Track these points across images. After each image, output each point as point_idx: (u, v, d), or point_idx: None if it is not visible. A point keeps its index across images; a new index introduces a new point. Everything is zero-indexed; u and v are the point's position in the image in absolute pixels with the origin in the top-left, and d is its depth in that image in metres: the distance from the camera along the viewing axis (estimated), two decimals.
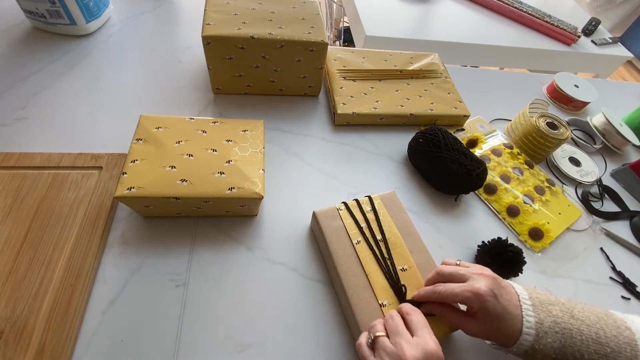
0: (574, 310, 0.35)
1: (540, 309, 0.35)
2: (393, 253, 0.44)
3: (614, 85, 0.95)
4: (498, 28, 1.25)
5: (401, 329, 0.33)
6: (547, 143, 0.61)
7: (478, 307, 0.34)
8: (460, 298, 0.35)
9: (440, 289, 0.36)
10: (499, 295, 0.34)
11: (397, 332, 0.33)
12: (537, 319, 0.34)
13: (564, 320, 0.34)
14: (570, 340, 0.33)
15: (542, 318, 0.34)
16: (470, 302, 0.34)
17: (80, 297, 0.38)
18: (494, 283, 0.35)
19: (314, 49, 0.58)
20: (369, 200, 0.48)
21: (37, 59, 0.63)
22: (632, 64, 2.75)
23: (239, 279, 0.44)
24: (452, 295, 0.35)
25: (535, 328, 0.33)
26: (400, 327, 0.33)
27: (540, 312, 0.34)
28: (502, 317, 0.34)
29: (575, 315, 0.35)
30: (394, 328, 0.34)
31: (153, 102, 0.60)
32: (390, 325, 0.34)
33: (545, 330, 0.33)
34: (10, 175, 0.45)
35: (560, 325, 0.34)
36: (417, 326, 0.34)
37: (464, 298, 0.34)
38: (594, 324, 0.34)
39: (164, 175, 0.41)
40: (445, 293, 0.36)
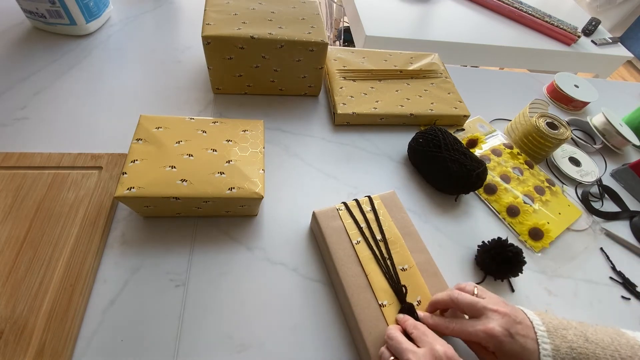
0: (587, 333, 0.35)
1: (555, 334, 0.35)
2: (393, 253, 0.43)
3: (614, 85, 0.95)
4: (498, 28, 1.25)
5: (405, 344, 0.33)
6: (547, 143, 0.61)
7: (494, 348, 0.34)
8: (474, 337, 0.35)
9: (454, 326, 0.36)
10: (514, 333, 0.34)
11: (402, 349, 0.33)
12: (553, 346, 0.34)
13: (580, 345, 0.34)
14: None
15: (558, 344, 0.34)
16: (486, 343, 0.34)
17: (80, 297, 0.38)
18: (509, 321, 0.35)
19: (314, 49, 0.58)
20: (368, 200, 0.48)
21: (37, 59, 0.63)
22: (632, 64, 2.75)
23: (239, 279, 0.44)
24: (465, 333, 0.35)
25: (553, 356, 0.33)
26: (403, 344, 0.34)
27: (555, 338, 0.34)
28: (520, 354, 0.34)
29: (590, 339, 0.34)
30: (397, 347, 0.34)
31: (153, 102, 0.60)
32: (393, 346, 0.34)
33: (562, 356, 0.33)
34: (10, 175, 0.45)
35: (577, 351, 0.33)
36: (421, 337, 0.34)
37: (478, 337, 0.34)
38: (608, 346, 0.34)
39: (164, 175, 0.41)
40: (459, 331, 0.36)
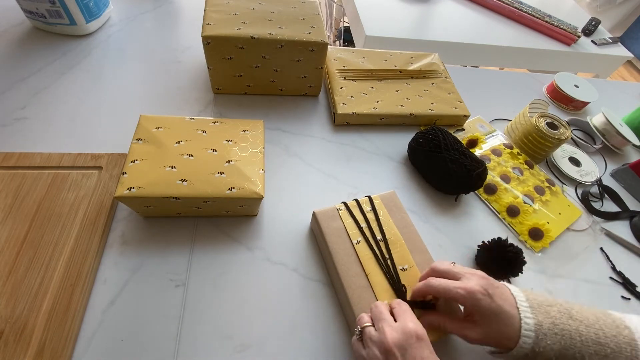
0: (572, 311, 0.35)
1: (538, 310, 0.34)
2: (393, 253, 0.43)
3: (614, 85, 0.95)
4: (498, 28, 1.25)
5: (385, 315, 0.34)
6: (547, 143, 0.61)
7: (471, 305, 0.34)
8: (454, 293, 0.35)
9: (434, 282, 0.37)
10: (492, 294, 0.34)
11: (380, 318, 0.34)
12: (535, 321, 0.34)
13: (563, 322, 0.34)
14: (570, 341, 0.33)
15: (541, 320, 0.34)
16: (464, 300, 0.34)
17: (80, 297, 0.38)
18: (487, 282, 0.35)
19: (314, 49, 0.58)
20: (368, 200, 0.48)
21: (37, 59, 0.63)
22: (632, 64, 2.75)
23: (239, 279, 0.44)
24: (445, 290, 0.36)
25: (535, 330, 0.33)
26: (383, 314, 0.34)
27: (538, 313, 0.34)
28: (499, 315, 0.34)
29: (574, 316, 0.34)
30: (378, 315, 0.35)
31: (153, 102, 0.60)
32: (374, 313, 0.35)
33: (544, 332, 0.33)
34: (10, 175, 0.45)
35: (559, 327, 0.33)
36: (399, 313, 0.35)
37: (457, 295, 0.35)
38: (592, 324, 0.34)
39: (164, 175, 0.41)
40: (439, 287, 0.36)
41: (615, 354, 0.33)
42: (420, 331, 0.33)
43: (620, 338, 0.33)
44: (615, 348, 0.33)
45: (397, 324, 0.33)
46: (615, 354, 0.33)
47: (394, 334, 0.32)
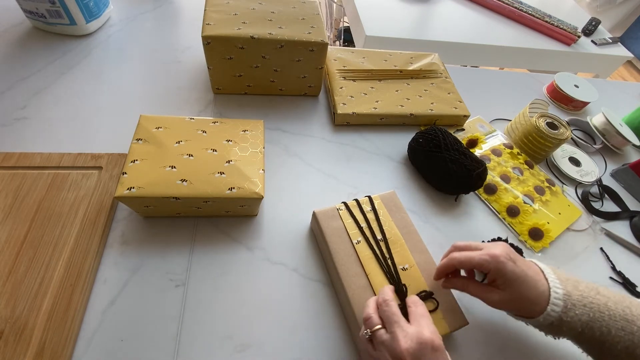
0: (599, 288, 0.35)
1: (567, 282, 0.34)
2: (393, 253, 0.44)
3: (614, 85, 0.95)
4: (498, 28, 1.25)
5: (397, 317, 0.33)
6: (547, 143, 0.61)
7: (496, 270, 0.34)
8: (477, 261, 0.35)
9: (457, 255, 0.37)
10: (515, 259, 0.34)
11: (393, 321, 0.32)
12: (565, 291, 0.33)
13: (591, 295, 0.34)
14: (599, 314, 0.33)
15: (570, 290, 0.34)
16: (488, 265, 0.34)
17: (80, 297, 0.38)
18: (510, 250, 0.35)
19: (314, 49, 0.58)
20: (369, 200, 0.48)
21: (37, 59, 0.63)
22: (632, 64, 2.75)
23: (239, 279, 0.44)
24: (468, 260, 0.36)
25: (564, 299, 0.33)
26: (395, 316, 0.33)
27: (567, 285, 0.34)
28: (523, 280, 0.33)
29: (601, 292, 0.34)
30: (390, 316, 0.33)
31: (153, 102, 0.60)
32: (386, 314, 0.33)
33: (573, 302, 0.33)
34: (10, 175, 0.45)
35: (588, 299, 0.33)
36: (416, 317, 0.33)
37: (482, 261, 0.34)
38: (620, 302, 0.34)
39: (164, 175, 0.41)
40: (462, 258, 0.36)
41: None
42: (437, 341, 0.31)
43: None
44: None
45: (412, 331, 0.31)
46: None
47: (408, 342, 0.30)
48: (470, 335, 0.43)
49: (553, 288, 0.33)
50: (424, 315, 0.34)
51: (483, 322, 0.45)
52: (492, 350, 0.43)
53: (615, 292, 0.36)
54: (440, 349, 0.31)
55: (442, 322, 0.39)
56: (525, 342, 0.44)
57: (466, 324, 0.40)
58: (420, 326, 0.32)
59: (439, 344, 0.31)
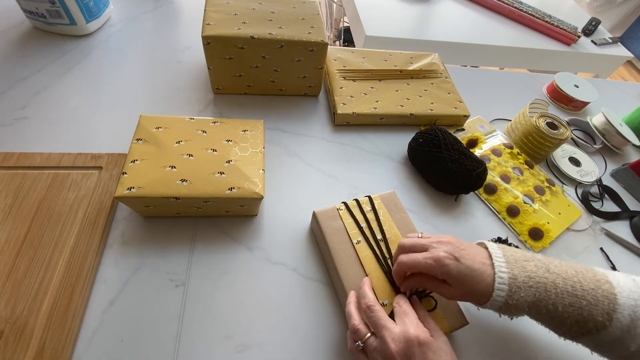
0: (550, 265, 0.35)
1: (514, 265, 0.35)
2: (394, 252, 0.43)
3: (614, 85, 0.95)
4: (498, 28, 1.25)
5: (382, 321, 0.34)
6: (547, 143, 0.61)
7: (441, 273, 0.34)
8: (423, 265, 0.35)
9: (404, 259, 0.37)
10: (460, 257, 0.35)
11: (380, 326, 0.33)
12: (510, 275, 0.34)
13: (539, 275, 0.34)
14: (545, 293, 0.33)
15: (516, 273, 0.34)
16: (434, 270, 0.35)
17: (80, 297, 0.38)
18: (453, 247, 0.36)
19: (314, 49, 0.58)
20: (368, 200, 0.48)
21: (37, 59, 0.63)
22: (632, 64, 2.75)
23: (239, 279, 0.44)
24: (415, 263, 0.36)
25: (509, 284, 0.33)
26: (381, 320, 0.34)
27: (514, 267, 0.34)
28: (470, 276, 0.34)
29: (551, 270, 0.35)
30: (376, 322, 0.34)
31: (153, 102, 0.60)
32: (372, 320, 0.35)
33: (518, 285, 0.33)
34: (10, 175, 0.45)
35: (535, 280, 0.34)
36: (399, 315, 0.35)
37: (427, 266, 0.35)
38: (570, 278, 0.34)
39: (164, 175, 0.41)
40: (409, 262, 0.36)
41: (592, 306, 0.32)
42: (422, 335, 0.32)
43: (598, 292, 0.33)
44: (592, 301, 0.32)
45: (398, 331, 0.32)
46: (591, 307, 0.32)
47: (396, 344, 0.31)
48: (470, 336, 0.43)
49: (498, 274, 0.34)
50: (407, 312, 0.35)
51: (483, 322, 0.45)
52: (492, 351, 0.43)
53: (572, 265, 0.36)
54: (426, 343, 0.32)
55: (442, 322, 0.39)
56: (525, 342, 0.44)
57: (466, 323, 0.40)
58: (404, 325, 0.33)
59: (424, 338, 0.32)
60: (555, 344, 0.44)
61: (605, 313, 0.32)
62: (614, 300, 0.32)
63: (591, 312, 0.32)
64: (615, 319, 0.32)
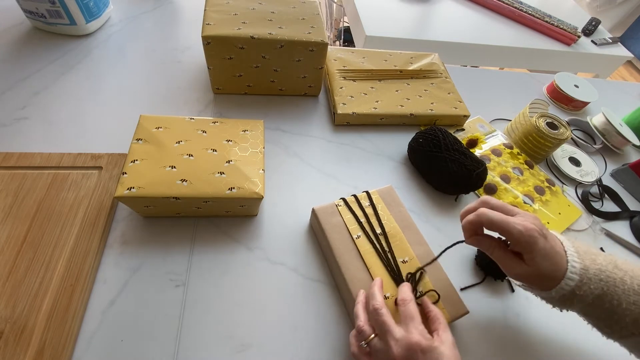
0: (618, 262, 0.35)
1: (585, 256, 0.34)
2: (393, 246, 0.44)
3: (614, 85, 0.95)
4: (498, 28, 1.25)
5: (387, 326, 0.33)
6: (547, 143, 0.61)
7: (526, 243, 0.33)
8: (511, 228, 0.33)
9: (490, 214, 0.34)
10: (546, 235, 0.34)
11: (384, 331, 0.33)
12: (582, 265, 0.33)
13: (609, 269, 0.34)
14: (613, 288, 0.33)
15: (588, 264, 0.34)
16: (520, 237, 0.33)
17: (80, 297, 0.38)
18: (541, 223, 0.35)
19: (314, 49, 0.58)
20: (366, 195, 0.48)
21: (37, 59, 0.63)
22: (632, 64, 2.75)
23: (239, 279, 0.44)
24: (502, 223, 0.33)
25: (580, 274, 0.33)
26: (385, 325, 0.33)
27: (585, 259, 0.34)
28: (550, 256, 0.33)
29: (619, 266, 0.34)
30: (381, 326, 0.34)
31: (153, 102, 0.60)
32: (377, 323, 0.34)
33: (589, 276, 0.33)
34: (10, 175, 0.45)
35: (605, 274, 0.33)
36: (404, 318, 0.34)
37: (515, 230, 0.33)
38: (637, 276, 0.34)
39: (164, 175, 0.41)
40: (496, 220, 0.34)
41: None
42: (424, 343, 0.31)
43: None
44: None
45: (401, 336, 0.32)
46: None
47: (399, 349, 0.31)
48: (471, 324, 0.43)
49: (571, 262, 0.33)
50: (412, 315, 0.34)
51: (483, 311, 0.45)
52: (493, 338, 0.43)
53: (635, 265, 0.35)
54: (429, 349, 0.31)
55: (442, 312, 0.40)
56: (525, 336, 0.44)
57: (467, 312, 0.41)
58: (408, 330, 0.33)
59: (426, 345, 0.31)
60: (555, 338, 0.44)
61: None
62: None
63: None
64: None
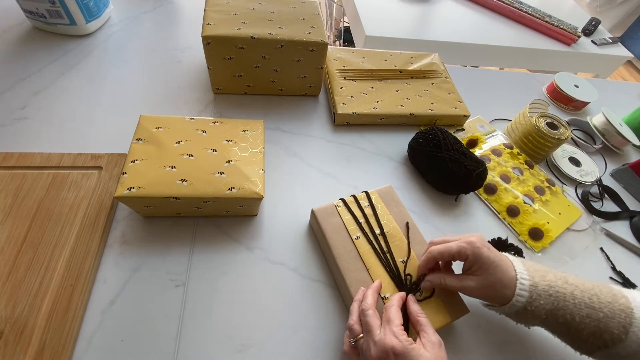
0: (568, 277, 0.36)
1: (535, 274, 0.36)
2: (392, 246, 0.44)
3: (614, 85, 0.95)
4: (498, 28, 1.25)
5: (369, 326, 0.34)
6: (547, 143, 0.61)
7: (473, 255, 0.36)
8: (456, 249, 0.37)
9: (436, 247, 0.39)
10: (489, 247, 0.37)
11: (366, 330, 0.35)
12: (531, 282, 0.35)
13: (558, 285, 0.35)
14: (563, 303, 0.34)
15: (537, 281, 0.35)
16: (466, 251, 0.36)
17: (80, 297, 0.38)
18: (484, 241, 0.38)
19: (314, 49, 0.58)
20: (366, 195, 0.48)
21: (37, 59, 0.63)
22: (632, 64, 2.75)
23: (239, 279, 0.44)
24: (447, 249, 0.37)
25: (529, 290, 0.34)
26: (368, 325, 0.35)
27: (534, 275, 0.35)
28: (498, 264, 0.35)
29: (569, 281, 0.36)
30: (364, 326, 0.35)
31: (153, 102, 0.60)
32: (363, 323, 0.36)
33: (539, 292, 0.34)
34: (10, 175, 0.45)
35: (554, 289, 0.35)
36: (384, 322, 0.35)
37: (459, 248, 0.36)
38: (588, 290, 0.35)
39: (164, 175, 0.41)
40: (441, 249, 0.38)
41: (608, 319, 0.33)
42: (398, 347, 0.32)
43: (615, 305, 0.34)
44: (609, 313, 0.33)
45: (378, 339, 0.33)
46: (607, 319, 0.33)
47: (375, 351, 0.32)
48: (471, 324, 0.43)
49: (520, 280, 0.35)
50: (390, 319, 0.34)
51: (483, 310, 0.45)
52: (489, 340, 0.43)
53: (589, 280, 0.37)
54: (401, 353, 0.31)
55: (443, 312, 0.40)
56: (525, 336, 0.44)
57: (467, 311, 0.41)
58: (385, 334, 0.33)
59: (400, 348, 0.32)
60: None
61: (621, 326, 0.33)
62: (630, 314, 0.33)
63: (608, 325, 0.33)
64: (632, 332, 0.32)
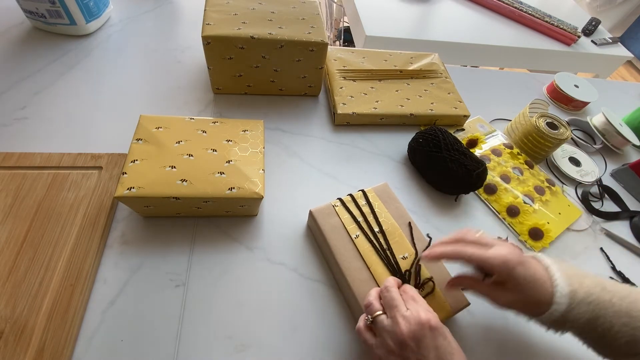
0: (605, 283, 0.35)
1: (573, 279, 0.34)
2: (392, 243, 0.44)
3: (614, 85, 0.95)
4: (498, 28, 1.25)
5: (396, 302, 0.33)
6: (547, 143, 0.61)
7: (507, 275, 0.33)
8: (490, 262, 0.34)
9: (468, 250, 0.35)
10: (525, 262, 0.34)
11: (392, 306, 0.33)
12: (570, 289, 0.33)
13: (597, 292, 0.33)
14: (603, 311, 0.33)
15: (576, 288, 0.33)
16: (499, 269, 0.33)
17: (80, 297, 0.38)
18: (519, 251, 0.35)
19: (314, 49, 0.58)
20: (362, 194, 0.48)
21: (37, 59, 0.63)
22: (632, 64, 2.75)
23: (238, 279, 0.44)
24: (480, 259, 0.34)
25: (570, 297, 0.33)
26: (395, 300, 0.33)
27: (573, 282, 0.34)
28: (532, 283, 0.33)
29: (607, 288, 0.34)
30: (389, 301, 0.33)
31: (153, 102, 0.60)
32: (386, 299, 0.34)
33: (578, 301, 0.33)
34: (10, 175, 0.45)
35: (593, 296, 0.33)
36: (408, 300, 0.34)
37: (494, 263, 0.34)
38: (625, 297, 0.33)
39: (164, 175, 0.41)
40: (475, 257, 0.35)
41: None
42: (434, 320, 0.31)
43: None
44: None
45: (410, 314, 0.32)
46: None
47: (408, 326, 0.31)
48: (472, 324, 0.43)
49: (558, 287, 0.33)
50: (415, 298, 0.34)
51: (483, 311, 0.45)
52: (491, 334, 0.43)
53: (622, 286, 0.35)
54: (437, 327, 0.31)
55: (444, 305, 0.40)
56: (526, 334, 0.44)
57: (468, 304, 0.41)
58: (416, 308, 0.32)
59: (435, 322, 0.31)
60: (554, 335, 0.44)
61: None
62: None
63: None
64: None
